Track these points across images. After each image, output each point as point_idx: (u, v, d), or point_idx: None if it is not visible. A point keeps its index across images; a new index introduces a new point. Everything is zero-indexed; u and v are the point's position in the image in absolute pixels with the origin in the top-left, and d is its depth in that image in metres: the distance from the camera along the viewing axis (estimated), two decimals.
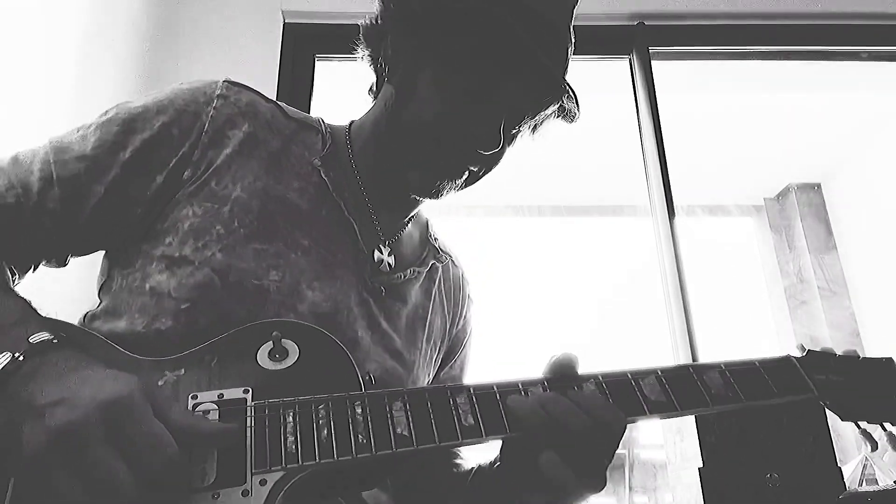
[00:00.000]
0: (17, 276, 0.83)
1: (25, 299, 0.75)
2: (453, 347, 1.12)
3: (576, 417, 0.69)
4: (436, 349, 1.05)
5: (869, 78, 2.99)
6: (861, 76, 2.96)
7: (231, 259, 0.80)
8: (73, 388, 0.59)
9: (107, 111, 0.88)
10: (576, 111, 0.95)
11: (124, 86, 2.00)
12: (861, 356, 0.89)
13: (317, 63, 2.41)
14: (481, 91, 0.88)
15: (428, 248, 1.08)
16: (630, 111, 2.44)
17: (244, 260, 0.81)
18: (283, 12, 2.40)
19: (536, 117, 0.94)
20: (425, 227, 1.13)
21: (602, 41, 2.48)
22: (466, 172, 0.93)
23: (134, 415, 0.58)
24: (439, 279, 1.08)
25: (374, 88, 1.02)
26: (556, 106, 0.93)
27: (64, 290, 1.08)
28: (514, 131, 0.94)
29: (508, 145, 0.95)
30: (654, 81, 2.39)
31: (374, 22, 0.96)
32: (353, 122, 1.04)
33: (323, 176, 0.93)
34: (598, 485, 0.72)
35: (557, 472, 0.69)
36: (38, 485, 0.55)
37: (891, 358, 0.90)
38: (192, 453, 0.63)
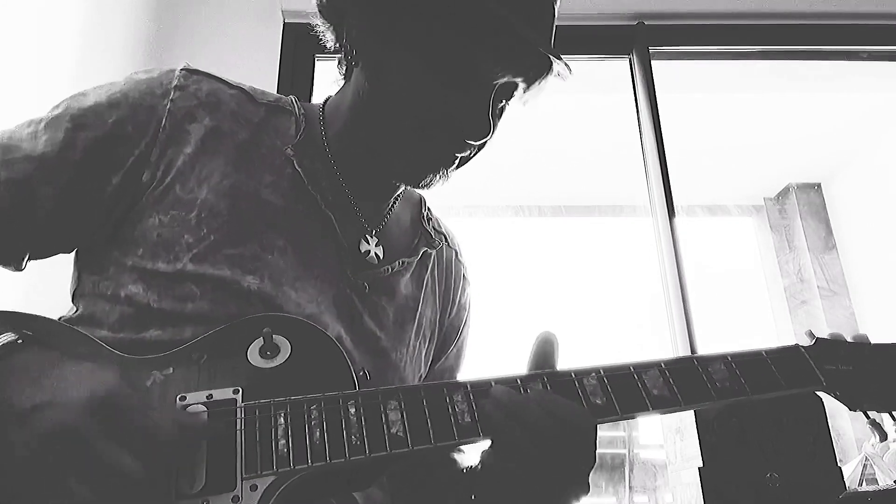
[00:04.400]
0: None
1: None
2: (448, 337, 1.05)
3: (540, 419, 0.67)
4: (426, 342, 0.98)
5: (869, 78, 2.99)
6: (861, 76, 2.96)
7: (204, 269, 0.76)
8: (54, 389, 0.57)
9: (58, 105, 0.82)
10: (567, 72, 0.84)
11: None
12: (871, 342, 0.85)
13: (317, 63, 2.40)
14: (460, 76, 0.79)
15: (420, 232, 1.00)
16: (630, 111, 2.44)
17: (217, 268, 0.76)
18: (283, 12, 2.39)
19: (527, 92, 0.85)
20: (418, 205, 1.04)
21: (602, 41, 2.48)
22: (456, 160, 0.85)
23: (126, 405, 0.57)
24: (432, 264, 1.01)
25: (344, 68, 0.92)
26: (546, 75, 0.83)
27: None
28: (501, 105, 0.85)
29: (497, 120, 0.86)
30: (654, 81, 2.39)
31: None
32: (327, 100, 0.96)
33: (297, 167, 0.85)
34: (580, 491, 0.70)
35: (534, 476, 0.67)
36: (42, 491, 0.54)
37: None
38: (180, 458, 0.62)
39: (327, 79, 0.96)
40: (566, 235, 4.06)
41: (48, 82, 1.65)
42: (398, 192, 0.98)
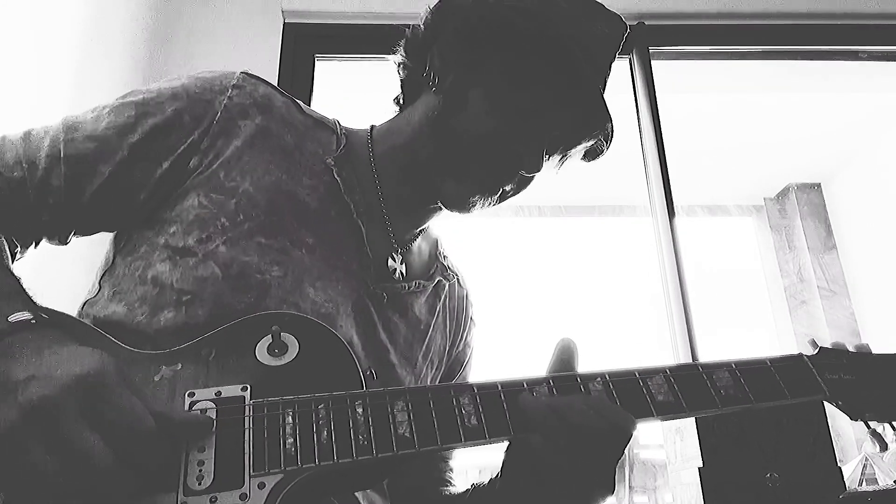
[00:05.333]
0: (18, 250, 0.83)
1: (17, 277, 0.73)
2: (452, 370, 1.09)
3: (590, 420, 0.68)
4: (432, 368, 1.02)
5: (869, 78, 2.99)
6: (861, 76, 2.96)
7: (234, 252, 0.80)
8: (47, 365, 0.58)
9: (125, 95, 0.88)
10: (604, 148, 0.97)
11: (123, 85, 2.00)
12: (873, 352, 0.87)
13: (317, 63, 2.41)
14: (534, 112, 0.88)
15: (437, 264, 1.06)
16: (630, 111, 2.44)
17: (247, 253, 0.80)
18: (283, 12, 2.40)
19: (573, 148, 0.95)
20: (435, 244, 1.11)
21: None
22: (501, 190, 0.93)
23: (108, 388, 0.57)
24: (445, 297, 1.06)
25: (404, 96, 1.01)
26: (594, 140, 0.95)
27: (70, 277, 1.07)
28: (545, 158, 0.94)
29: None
30: (654, 81, 2.39)
31: (423, 29, 0.95)
32: (373, 126, 1.03)
33: (336, 176, 0.91)
34: (607, 490, 0.71)
35: (574, 476, 0.68)
36: (13, 462, 0.54)
37: None
38: (189, 454, 0.62)
39: (327, 79, 0.98)
40: (566, 235, 4.06)
41: (48, 81, 1.65)
42: (429, 222, 1.03)
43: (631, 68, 2.47)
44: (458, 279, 1.11)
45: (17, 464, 0.54)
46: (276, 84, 0.96)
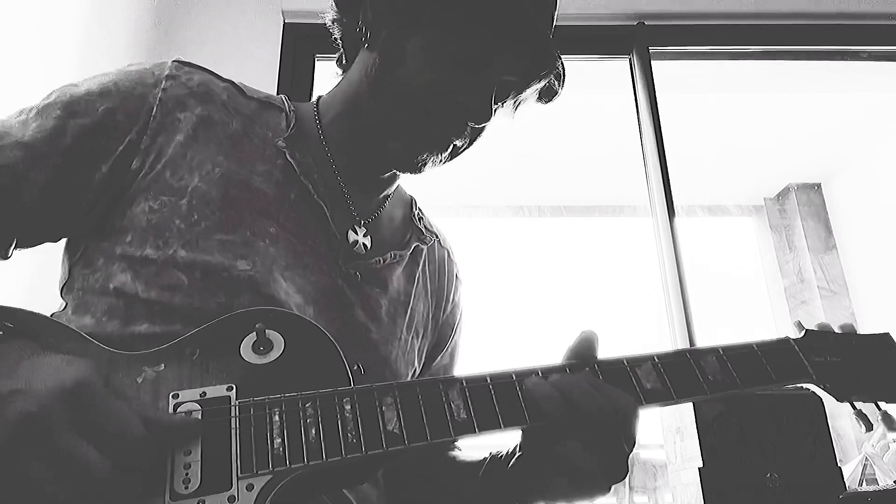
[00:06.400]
0: None
1: None
2: (443, 335, 1.05)
3: (593, 399, 0.67)
4: (419, 338, 0.98)
5: (869, 78, 2.99)
6: (861, 76, 2.96)
7: (195, 254, 0.75)
8: (28, 378, 0.56)
9: (49, 94, 0.82)
10: (558, 88, 0.91)
11: None
12: (858, 332, 0.87)
13: (317, 63, 2.41)
14: (476, 59, 0.83)
15: (412, 229, 1.01)
16: (630, 111, 2.44)
17: (209, 253, 0.76)
18: (283, 12, 2.40)
19: (524, 91, 0.89)
20: (409, 205, 1.05)
21: (602, 41, 2.48)
22: (451, 146, 0.87)
23: (95, 397, 0.56)
24: (424, 261, 1.01)
25: (345, 59, 0.95)
26: (545, 81, 0.89)
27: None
28: (496, 106, 0.88)
29: (492, 116, 0.89)
30: (654, 81, 2.39)
31: None
32: (320, 97, 0.98)
33: (288, 158, 0.86)
34: (621, 473, 0.70)
35: (583, 461, 0.67)
36: (10, 479, 0.52)
37: (888, 333, 0.87)
38: (175, 458, 0.61)
39: (327, 79, 0.96)
40: (566, 235, 4.06)
41: (49, 82, 1.65)
42: (390, 189, 0.98)
43: (631, 68, 2.46)
44: (437, 240, 1.06)
45: (13, 481, 0.52)
46: (276, 84, 0.94)
